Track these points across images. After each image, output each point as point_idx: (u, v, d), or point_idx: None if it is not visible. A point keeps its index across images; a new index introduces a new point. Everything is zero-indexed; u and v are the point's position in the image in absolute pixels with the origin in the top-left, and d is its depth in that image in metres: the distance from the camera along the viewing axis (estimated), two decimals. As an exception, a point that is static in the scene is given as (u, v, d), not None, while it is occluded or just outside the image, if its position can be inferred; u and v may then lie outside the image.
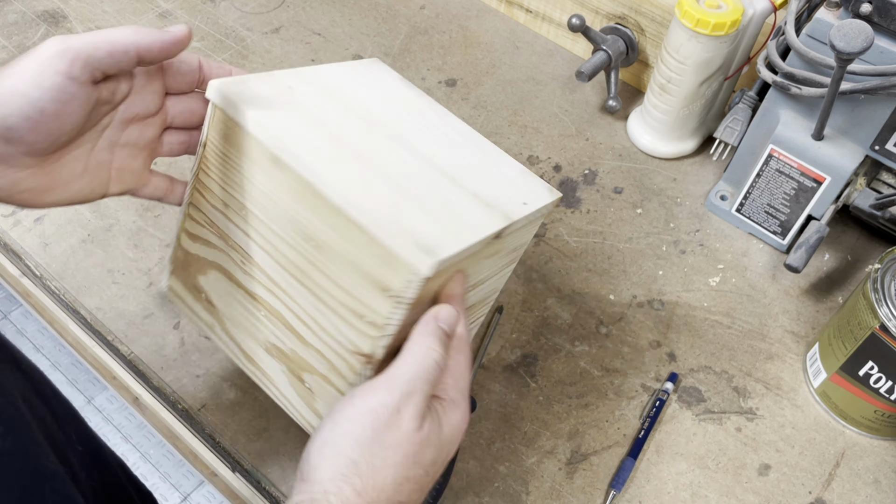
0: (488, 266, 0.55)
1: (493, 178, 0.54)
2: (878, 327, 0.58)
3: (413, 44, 0.96)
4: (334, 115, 0.51)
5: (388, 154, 0.50)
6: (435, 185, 0.49)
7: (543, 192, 0.55)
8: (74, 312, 0.71)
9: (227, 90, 0.48)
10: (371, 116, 0.53)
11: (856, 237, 0.79)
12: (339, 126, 0.50)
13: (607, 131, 0.88)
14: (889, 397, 0.61)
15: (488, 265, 0.55)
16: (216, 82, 0.48)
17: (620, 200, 0.81)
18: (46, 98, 0.41)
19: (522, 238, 0.57)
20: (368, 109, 0.53)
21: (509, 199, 0.52)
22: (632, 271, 0.75)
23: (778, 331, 0.72)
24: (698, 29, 0.72)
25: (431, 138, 0.54)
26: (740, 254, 0.78)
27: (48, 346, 1.58)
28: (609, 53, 0.85)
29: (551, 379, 0.68)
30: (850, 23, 0.55)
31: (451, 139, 0.56)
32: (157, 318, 0.69)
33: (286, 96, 0.51)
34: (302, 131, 0.48)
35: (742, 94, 0.77)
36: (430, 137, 0.54)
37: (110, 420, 1.48)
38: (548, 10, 0.96)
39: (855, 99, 0.66)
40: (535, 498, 0.61)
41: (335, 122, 0.50)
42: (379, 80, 0.59)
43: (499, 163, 0.56)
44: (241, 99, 0.47)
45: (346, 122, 0.51)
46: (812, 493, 0.63)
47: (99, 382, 1.55)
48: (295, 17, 0.99)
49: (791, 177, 0.72)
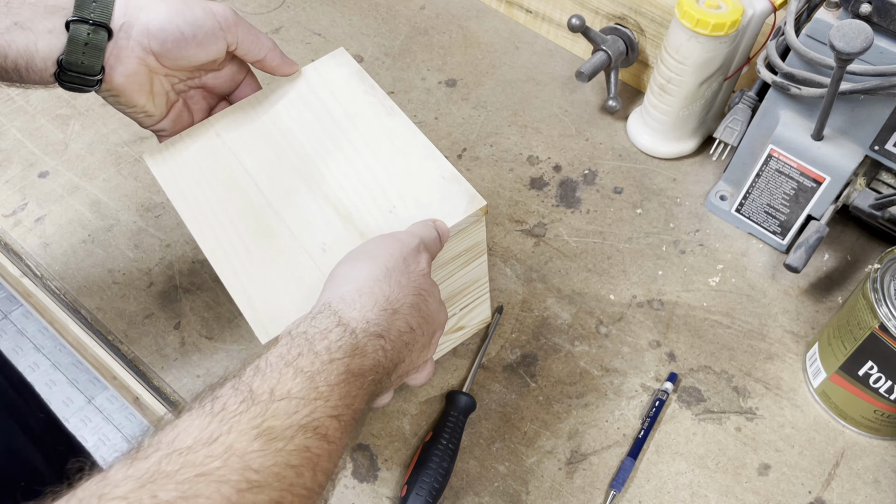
0: None
1: (403, 200, 0.55)
2: (878, 327, 0.58)
3: (413, 44, 0.96)
4: (250, 160, 0.57)
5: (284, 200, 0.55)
6: (321, 231, 0.54)
7: (460, 206, 0.54)
8: (75, 312, 0.71)
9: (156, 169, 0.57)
10: (289, 148, 0.58)
11: (855, 237, 0.80)
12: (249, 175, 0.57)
13: (607, 131, 0.88)
14: (889, 397, 0.61)
15: None
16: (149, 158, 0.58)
17: (620, 200, 0.81)
18: (203, 32, 0.54)
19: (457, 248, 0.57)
20: (291, 138, 0.59)
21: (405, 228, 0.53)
22: (631, 271, 0.75)
23: (777, 331, 0.72)
24: (698, 29, 0.72)
25: (346, 161, 0.57)
26: (740, 254, 0.78)
27: (49, 346, 1.58)
28: (609, 54, 0.85)
29: (551, 379, 0.68)
30: (850, 23, 0.55)
31: (374, 152, 0.57)
32: (157, 318, 0.70)
33: (210, 149, 0.58)
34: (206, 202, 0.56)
35: (742, 95, 0.77)
36: (346, 160, 0.57)
37: (111, 420, 1.48)
38: (548, 11, 0.96)
39: (854, 99, 0.66)
40: (534, 498, 0.61)
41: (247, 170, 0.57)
42: (328, 84, 0.61)
43: (422, 172, 0.56)
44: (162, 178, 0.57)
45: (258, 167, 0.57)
46: (812, 492, 0.63)
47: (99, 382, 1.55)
48: (295, 17, 0.99)
49: (791, 177, 0.72)
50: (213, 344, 0.68)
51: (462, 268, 0.59)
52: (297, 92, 0.61)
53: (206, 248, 0.54)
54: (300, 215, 0.55)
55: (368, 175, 0.56)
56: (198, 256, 0.74)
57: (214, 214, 0.55)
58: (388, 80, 0.91)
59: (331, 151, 0.57)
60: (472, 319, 0.67)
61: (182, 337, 0.68)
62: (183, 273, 0.73)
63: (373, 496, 0.60)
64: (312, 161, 0.57)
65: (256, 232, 0.54)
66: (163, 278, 0.72)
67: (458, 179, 0.55)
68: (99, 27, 0.51)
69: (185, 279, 0.72)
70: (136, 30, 0.52)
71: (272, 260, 0.53)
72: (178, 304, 0.71)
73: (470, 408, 0.64)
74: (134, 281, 0.72)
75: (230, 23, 0.55)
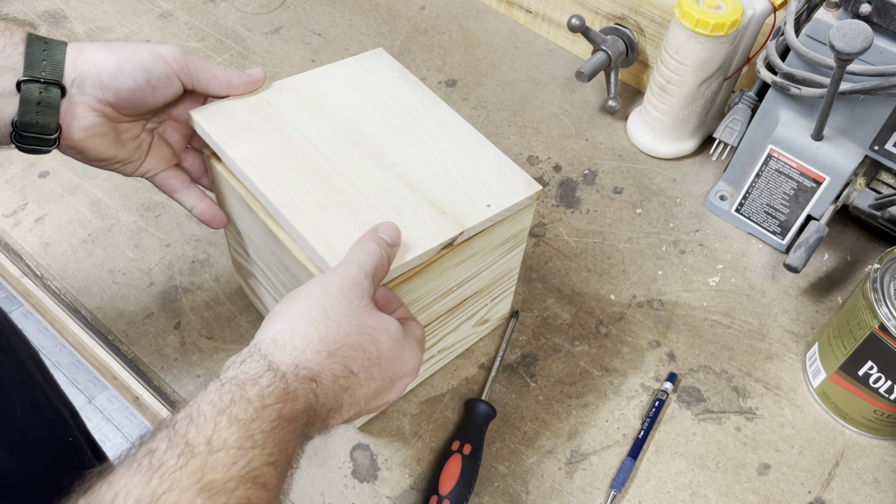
0: (470, 266, 0.56)
1: (465, 177, 0.55)
2: (878, 327, 0.58)
3: (413, 44, 0.96)
4: (308, 128, 0.55)
5: (349, 167, 0.54)
6: (391, 196, 0.52)
7: (518, 188, 0.55)
8: (75, 312, 0.71)
9: (205, 123, 0.54)
10: (346, 125, 0.56)
11: (855, 237, 0.80)
12: (309, 141, 0.55)
13: (607, 131, 0.88)
14: (888, 397, 0.61)
15: (470, 265, 0.56)
16: (196, 114, 0.55)
17: (620, 200, 0.81)
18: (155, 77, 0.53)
19: (507, 232, 0.57)
20: (346, 116, 0.57)
21: (472, 202, 0.53)
22: (631, 271, 0.75)
23: (777, 331, 0.72)
24: (698, 29, 0.72)
25: (405, 142, 0.56)
26: (740, 254, 0.78)
27: (49, 346, 1.58)
28: (609, 54, 0.85)
29: (551, 379, 0.68)
30: (850, 23, 0.55)
31: (432, 137, 0.57)
32: (157, 318, 0.70)
33: (263, 114, 0.56)
34: (268, 159, 0.53)
35: (741, 95, 0.77)
36: (405, 140, 0.56)
37: (111, 420, 1.48)
38: (548, 11, 0.96)
39: (854, 99, 0.66)
40: (534, 497, 0.61)
41: (305, 137, 0.55)
42: (374, 75, 0.61)
43: (478, 158, 0.56)
44: (215, 131, 0.54)
45: (316, 135, 0.55)
46: (811, 492, 0.63)
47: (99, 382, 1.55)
48: (295, 17, 0.99)
49: (790, 177, 0.72)
50: (213, 344, 0.68)
51: (505, 255, 0.59)
52: (345, 77, 0.60)
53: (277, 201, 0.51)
54: (368, 182, 0.53)
55: (429, 154, 0.56)
56: (198, 256, 0.74)
57: (280, 172, 0.52)
58: (388, 80, 0.91)
59: (388, 131, 0.57)
60: (496, 313, 0.67)
61: (182, 337, 0.68)
62: (183, 273, 0.73)
63: (373, 496, 0.60)
64: (371, 137, 0.56)
65: (327, 193, 0.52)
66: (163, 278, 0.72)
67: (512, 166, 0.56)
68: (51, 85, 0.50)
69: (185, 279, 0.72)
70: (88, 83, 0.51)
71: (347, 218, 0.50)
72: (178, 304, 0.71)
73: (491, 416, 0.64)
74: (134, 281, 0.72)
75: (181, 63, 0.54)
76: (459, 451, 0.60)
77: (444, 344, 0.63)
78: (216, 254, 0.74)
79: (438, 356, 0.65)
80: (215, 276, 0.73)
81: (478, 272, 0.58)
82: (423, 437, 0.64)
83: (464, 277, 0.57)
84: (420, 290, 0.53)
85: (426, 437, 0.64)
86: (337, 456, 0.62)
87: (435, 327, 0.60)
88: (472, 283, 0.59)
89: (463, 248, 0.53)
